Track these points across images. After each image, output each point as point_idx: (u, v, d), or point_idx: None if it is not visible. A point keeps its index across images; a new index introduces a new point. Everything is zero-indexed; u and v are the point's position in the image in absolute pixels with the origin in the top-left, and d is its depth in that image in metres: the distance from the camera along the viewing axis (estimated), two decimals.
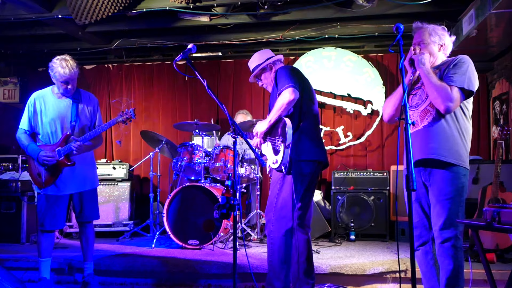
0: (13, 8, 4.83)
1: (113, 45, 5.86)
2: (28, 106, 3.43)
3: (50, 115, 3.39)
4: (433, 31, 2.70)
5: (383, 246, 4.75)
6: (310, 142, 2.98)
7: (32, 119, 3.41)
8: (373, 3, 4.49)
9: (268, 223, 2.98)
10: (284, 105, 2.90)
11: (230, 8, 4.91)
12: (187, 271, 3.74)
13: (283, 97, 2.90)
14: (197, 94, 6.51)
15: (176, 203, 4.47)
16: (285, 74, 3.01)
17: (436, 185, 2.60)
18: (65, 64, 3.30)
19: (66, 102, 3.44)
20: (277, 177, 3.01)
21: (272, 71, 3.18)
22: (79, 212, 3.48)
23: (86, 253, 3.54)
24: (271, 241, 2.95)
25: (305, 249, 3.06)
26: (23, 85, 6.68)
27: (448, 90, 2.51)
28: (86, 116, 3.50)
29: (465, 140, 2.62)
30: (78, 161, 3.44)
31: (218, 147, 4.76)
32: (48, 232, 3.42)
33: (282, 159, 2.86)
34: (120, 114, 3.45)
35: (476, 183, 4.51)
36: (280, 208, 2.93)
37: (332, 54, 6.03)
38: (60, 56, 3.38)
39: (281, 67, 3.14)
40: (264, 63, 3.17)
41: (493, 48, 5.12)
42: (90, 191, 3.53)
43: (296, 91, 2.92)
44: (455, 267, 2.53)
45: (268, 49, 3.28)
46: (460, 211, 2.57)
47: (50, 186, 3.38)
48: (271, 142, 3.03)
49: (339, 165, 5.95)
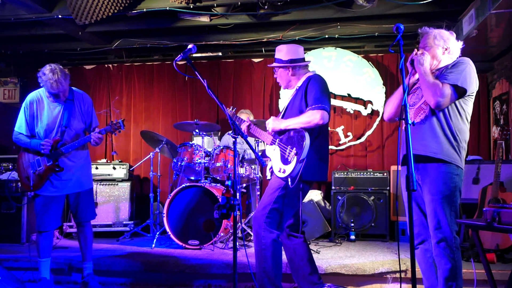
0: (13, 8, 4.83)
1: (113, 45, 5.86)
2: (24, 109, 3.44)
3: (45, 120, 3.41)
4: (439, 34, 2.73)
5: (383, 246, 4.75)
6: (318, 162, 2.98)
7: (29, 122, 3.43)
8: (373, 3, 4.49)
9: (259, 229, 2.92)
10: (311, 124, 2.88)
11: (230, 8, 4.90)
12: (187, 271, 3.74)
13: (314, 116, 2.86)
14: (197, 94, 6.51)
15: (176, 203, 4.47)
16: (322, 90, 2.96)
17: (429, 184, 2.62)
18: (53, 79, 3.26)
19: (60, 106, 3.44)
20: (277, 185, 2.95)
21: (290, 72, 3.11)
22: (76, 212, 3.49)
23: (84, 253, 3.54)
24: (263, 247, 2.90)
25: (304, 251, 3.07)
26: (23, 85, 6.67)
27: (439, 86, 2.55)
28: (80, 120, 3.50)
29: (459, 139, 2.63)
30: (74, 161, 3.46)
31: (218, 147, 4.76)
32: (46, 232, 3.42)
33: (292, 171, 2.83)
34: (109, 124, 3.45)
35: (476, 183, 4.50)
36: (273, 216, 2.89)
37: (332, 54, 6.03)
38: (49, 66, 3.33)
39: (318, 78, 3.05)
40: (285, 63, 3.10)
41: (493, 48, 5.11)
42: (87, 191, 3.54)
43: (328, 116, 2.91)
44: (453, 267, 2.54)
45: (302, 47, 3.18)
46: (454, 210, 2.58)
47: (42, 188, 3.38)
48: (281, 148, 2.97)
49: (339, 165, 5.95)
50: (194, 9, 4.75)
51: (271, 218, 2.90)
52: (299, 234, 3.08)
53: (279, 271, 2.93)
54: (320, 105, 2.88)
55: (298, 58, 3.12)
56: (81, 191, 3.49)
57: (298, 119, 2.92)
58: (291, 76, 3.13)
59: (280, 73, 3.17)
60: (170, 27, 5.31)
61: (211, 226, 4.31)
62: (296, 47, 3.16)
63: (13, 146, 6.08)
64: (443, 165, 2.59)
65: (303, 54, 3.17)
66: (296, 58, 3.11)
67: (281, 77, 3.17)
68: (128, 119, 6.56)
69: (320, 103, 2.89)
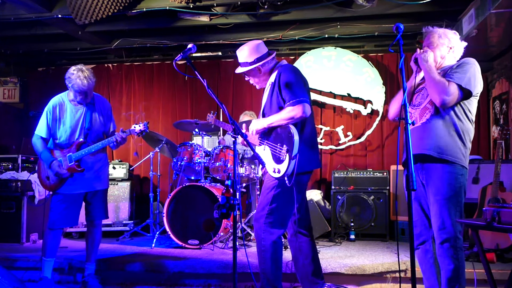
0: (13, 8, 4.84)
1: (113, 45, 5.86)
2: (46, 113, 3.46)
3: (68, 123, 3.45)
4: (443, 33, 2.72)
5: (383, 246, 4.75)
6: (309, 151, 2.91)
7: (51, 126, 3.46)
8: (373, 3, 4.49)
9: (259, 230, 2.90)
10: (294, 119, 2.80)
11: (230, 8, 4.91)
12: (187, 271, 3.74)
13: (295, 111, 2.78)
14: (197, 94, 6.51)
15: (176, 202, 4.47)
16: (296, 81, 2.86)
17: (434, 184, 2.61)
18: (83, 76, 3.32)
19: (82, 109, 3.49)
20: (271, 184, 2.91)
21: (260, 71, 3.03)
22: (90, 210, 3.52)
23: (90, 254, 3.55)
24: (263, 249, 2.88)
25: (309, 250, 3.05)
26: (23, 85, 6.68)
27: (445, 85, 2.54)
28: (101, 122, 3.55)
29: (464, 139, 2.62)
30: (93, 162, 3.50)
31: (218, 146, 4.76)
32: (57, 230, 3.42)
33: (286, 170, 2.77)
34: (133, 126, 3.52)
35: (476, 183, 4.50)
36: (272, 216, 2.87)
37: (332, 54, 6.03)
38: (75, 66, 3.39)
39: (287, 69, 2.95)
40: (253, 64, 3.00)
41: (493, 48, 5.12)
42: (104, 190, 3.60)
43: (309, 108, 2.82)
44: (456, 267, 2.54)
45: (261, 42, 3.08)
46: (459, 211, 2.57)
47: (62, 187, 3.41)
48: (271, 148, 2.93)
49: (339, 165, 5.95)
50: (194, 8, 4.75)
51: (271, 219, 2.87)
52: (307, 231, 3.06)
53: (279, 272, 2.92)
54: (297, 99, 2.79)
55: (263, 55, 3.01)
56: (99, 190, 3.53)
57: (280, 116, 2.84)
58: (263, 75, 3.06)
59: (252, 75, 3.09)
60: (170, 26, 5.31)
61: (211, 225, 4.31)
62: (256, 44, 3.04)
63: (13, 145, 6.09)
64: (448, 166, 2.57)
65: (265, 47, 3.06)
66: (261, 55, 3.01)
67: (254, 79, 3.10)
68: (128, 118, 6.56)
69: (296, 97, 2.80)
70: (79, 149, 3.41)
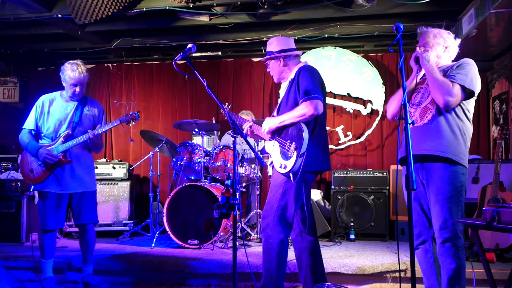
0: (13, 7, 4.84)
1: (113, 45, 5.85)
2: (35, 107, 3.50)
3: (56, 115, 3.46)
4: (438, 33, 2.73)
5: (383, 245, 4.75)
6: (319, 151, 2.94)
7: (38, 119, 3.47)
8: (373, 2, 4.49)
9: (267, 228, 2.90)
10: (306, 116, 2.83)
11: (230, 7, 4.90)
12: (187, 271, 3.74)
13: (308, 108, 2.81)
14: (197, 94, 6.51)
15: (176, 202, 4.47)
16: (313, 80, 2.90)
17: (435, 184, 2.61)
18: (75, 67, 3.40)
19: (72, 104, 3.51)
20: (280, 181, 2.93)
21: (281, 63, 3.07)
22: (78, 213, 3.47)
23: (85, 256, 3.53)
24: (270, 247, 2.88)
25: (313, 250, 3.05)
26: (23, 84, 6.67)
27: (450, 86, 2.54)
28: (90, 120, 3.55)
29: (465, 138, 2.63)
30: (78, 163, 3.48)
31: (218, 146, 4.76)
32: (51, 231, 3.41)
33: (292, 166, 2.80)
34: (125, 115, 3.54)
35: (476, 183, 4.51)
36: (281, 213, 2.88)
37: (332, 54, 6.03)
38: (72, 60, 3.47)
39: (308, 68, 3.00)
40: (276, 54, 3.06)
41: (493, 48, 5.12)
42: (90, 193, 3.55)
43: (322, 106, 2.85)
44: (457, 267, 2.54)
45: (292, 39, 3.16)
46: (460, 210, 2.57)
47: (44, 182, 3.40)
48: (280, 143, 2.95)
49: (339, 165, 5.95)
50: (193, 8, 4.75)
51: (280, 216, 2.88)
52: (312, 232, 3.06)
53: (283, 272, 2.92)
54: (312, 95, 2.84)
55: (288, 48, 3.08)
56: (85, 192, 3.49)
57: (292, 113, 2.88)
58: (283, 67, 3.09)
59: (272, 65, 3.13)
60: (169, 26, 5.31)
61: (211, 225, 4.31)
62: (287, 38, 3.13)
63: (13, 145, 6.09)
64: (449, 165, 2.57)
65: (294, 45, 3.13)
66: (287, 48, 3.07)
67: (273, 69, 3.13)
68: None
69: (312, 94, 2.84)
70: (66, 141, 3.40)
